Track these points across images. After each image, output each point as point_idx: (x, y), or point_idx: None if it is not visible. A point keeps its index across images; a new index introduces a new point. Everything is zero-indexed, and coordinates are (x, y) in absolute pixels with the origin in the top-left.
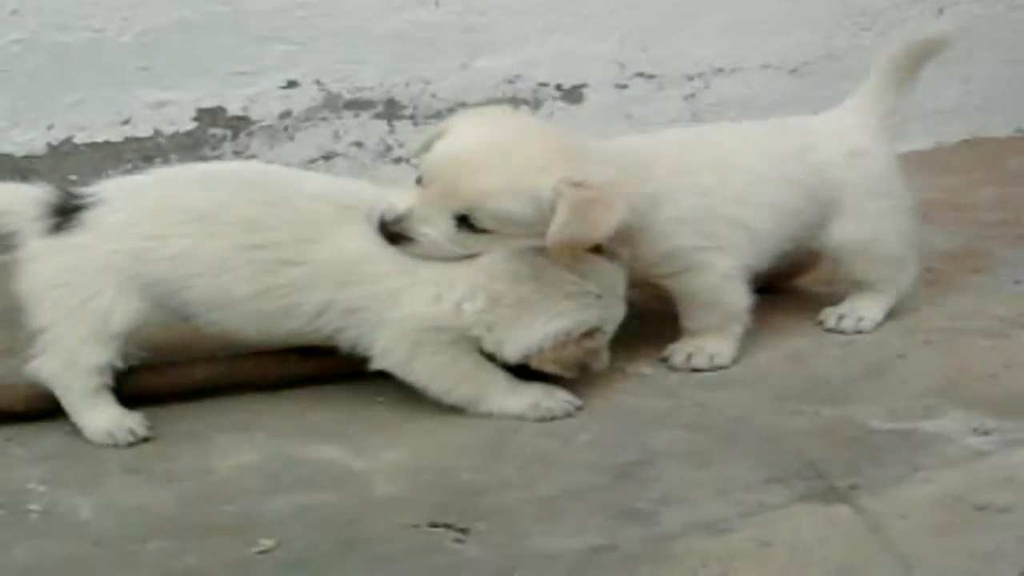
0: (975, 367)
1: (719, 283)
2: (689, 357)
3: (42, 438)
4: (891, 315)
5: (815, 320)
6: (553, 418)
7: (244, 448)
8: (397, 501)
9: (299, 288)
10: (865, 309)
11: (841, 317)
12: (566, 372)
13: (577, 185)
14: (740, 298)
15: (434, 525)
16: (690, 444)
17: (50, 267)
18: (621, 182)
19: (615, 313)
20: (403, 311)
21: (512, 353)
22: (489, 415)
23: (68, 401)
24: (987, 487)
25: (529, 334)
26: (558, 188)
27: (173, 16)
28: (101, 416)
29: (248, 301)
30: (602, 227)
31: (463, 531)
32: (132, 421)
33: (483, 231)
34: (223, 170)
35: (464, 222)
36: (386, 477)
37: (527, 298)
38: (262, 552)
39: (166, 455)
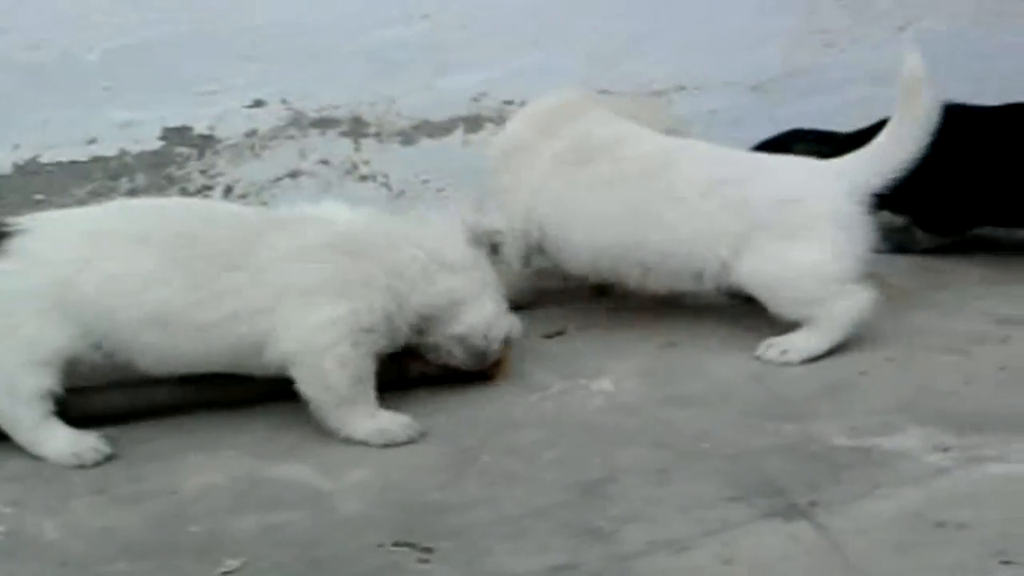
0: (936, 384)
1: None
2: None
3: (8, 460)
4: (853, 333)
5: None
6: (399, 443)
7: (211, 468)
8: (363, 520)
9: None
10: (797, 341)
11: (770, 346)
12: None
13: None
14: None
15: (399, 544)
16: (653, 462)
17: None
18: None
19: None
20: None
21: None
22: (339, 430)
23: (18, 432)
24: (946, 504)
25: None
26: None
27: (140, 35)
28: (60, 440)
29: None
30: None
31: (427, 550)
32: (91, 441)
33: None
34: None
35: None
36: (352, 496)
37: None
38: (228, 572)
39: (132, 475)
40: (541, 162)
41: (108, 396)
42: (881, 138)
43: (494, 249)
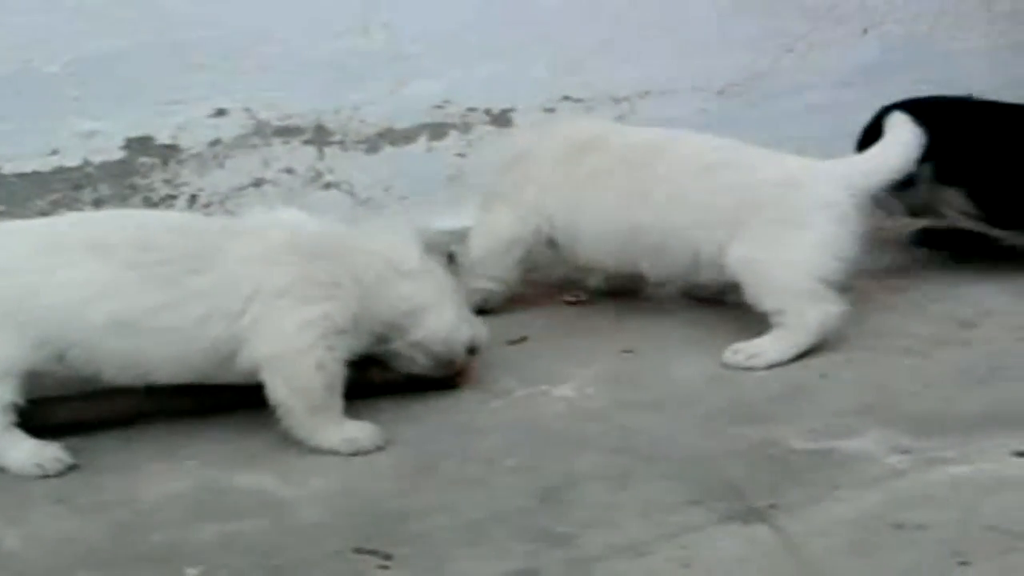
0: (896, 386)
1: None
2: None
3: None
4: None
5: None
6: (366, 452)
7: (172, 476)
8: (323, 528)
9: None
10: (765, 346)
11: (736, 352)
12: None
13: None
14: None
15: (359, 551)
16: (613, 467)
17: None
18: None
19: None
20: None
21: None
22: (307, 438)
23: None
24: (904, 505)
25: None
26: None
27: (101, 46)
28: (21, 450)
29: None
30: None
31: (387, 557)
32: (53, 451)
33: None
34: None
35: None
36: (313, 504)
37: None
38: None
39: (93, 485)
40: (543, 161)
41: (70, 406)
42: (877, 147)
43: (450, 258)
